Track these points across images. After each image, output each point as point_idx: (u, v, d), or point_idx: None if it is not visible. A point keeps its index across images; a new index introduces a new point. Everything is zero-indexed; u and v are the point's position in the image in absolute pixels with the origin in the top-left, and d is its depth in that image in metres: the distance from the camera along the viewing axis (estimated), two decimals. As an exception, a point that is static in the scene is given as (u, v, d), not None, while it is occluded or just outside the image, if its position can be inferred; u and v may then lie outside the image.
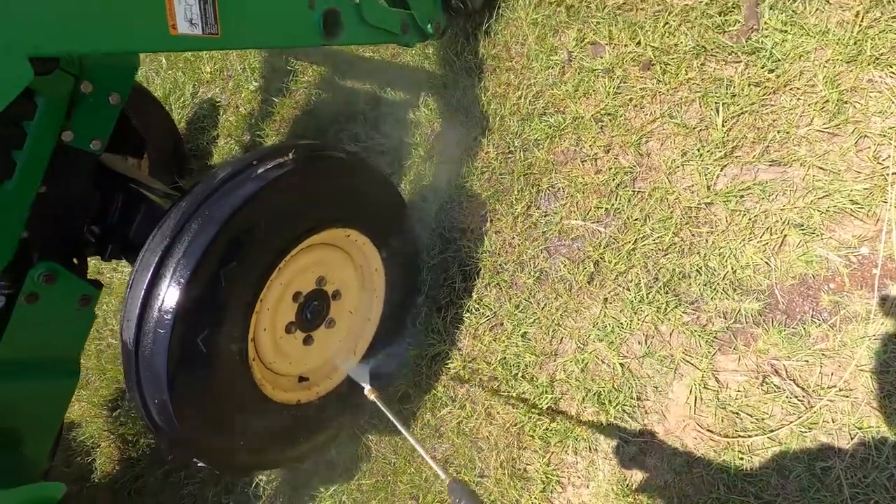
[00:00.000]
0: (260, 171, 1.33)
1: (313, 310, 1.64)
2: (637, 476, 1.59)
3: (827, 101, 1.51)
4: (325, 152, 1.52)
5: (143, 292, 1.18)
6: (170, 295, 1.17)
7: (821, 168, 1.50)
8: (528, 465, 1.75)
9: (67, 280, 1.54)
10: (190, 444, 1.30)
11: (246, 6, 1.36)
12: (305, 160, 1.42)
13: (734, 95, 1.62)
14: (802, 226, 1.50)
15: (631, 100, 1.79)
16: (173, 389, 1.20)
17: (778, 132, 1.56)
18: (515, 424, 1.77)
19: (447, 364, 1.95)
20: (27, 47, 1.05)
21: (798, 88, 1.55)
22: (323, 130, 2.50)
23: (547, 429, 1.72)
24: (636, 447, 1.61)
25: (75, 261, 1.68)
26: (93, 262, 3.17)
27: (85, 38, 1.11)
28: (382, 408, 1.50)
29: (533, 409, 1.75)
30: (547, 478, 1.69)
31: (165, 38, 1.24)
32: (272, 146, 1.86)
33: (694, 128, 1.68)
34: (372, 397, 1.54)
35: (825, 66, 1.52)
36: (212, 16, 1.31)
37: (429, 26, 1.92)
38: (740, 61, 1.63)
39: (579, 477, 1.68)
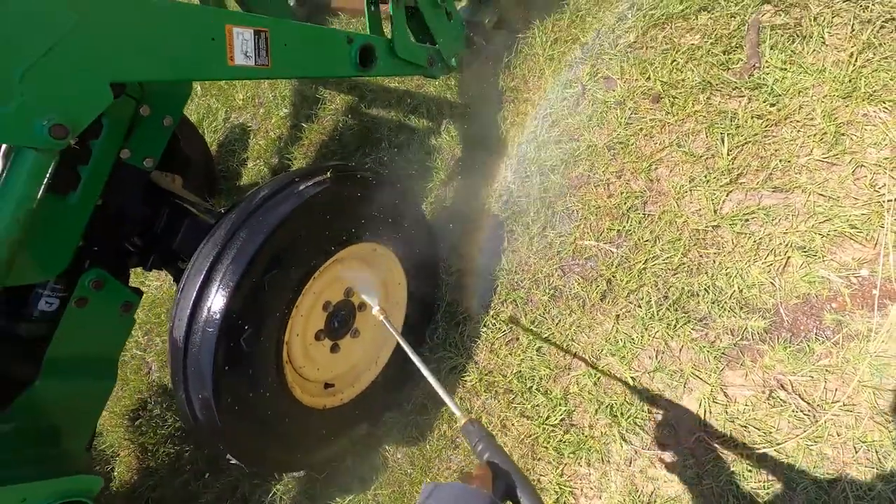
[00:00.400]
0: (301, 188, 1.45)
1: (341, 319, 1.75)
2: (648, 488, 1.64)
3: (825, 133, 1.62)
4: (357, 173, 1.65)
5: (194, 294, 1.29)
6: (219, 297, 1.28)
7: (821, 195, 1.60)
8: (541, 475, 1.80)
9: (113, 287, 1.67)
10: (226, 439, 1.39)
11: (293, 42, 1.52)
12: (340, 179, 1.55)
13: (738, 127, 1.74)
14: (805, 248, 1.59)
15: (641, 129, 1.91)
16: (217, 384, 1.29)
17: (780, 161, 1.67)
18: (530, 436, 1.84)
19: (464, 377, 2.02)
20: (109, 73, 1.19)
21: (798, 121, 1.66)
22: (349, 155, 2.65)
23: (560, 440, 1.78)
24: (647, 459, 1.66)
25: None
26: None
27: (158, 67, 1.26)
28: (393, 331, 1.43)
29: (547, 421, 1.81)
30: (560, 489, 1.74)
31: (224, 68, 1.39)
32: (310, 167, 2.00)
33: (701, 156, 1.79)
34: (381, 317, 1.46)
35: (823, 101, 1.64)
36: (263, 50, 1.46)
37: (453, 60, 2.09)
38: (744, 96, 1.76)
39: (592, 488, 1.73)
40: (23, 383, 1.55)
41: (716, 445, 1.58)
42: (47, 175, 1.22)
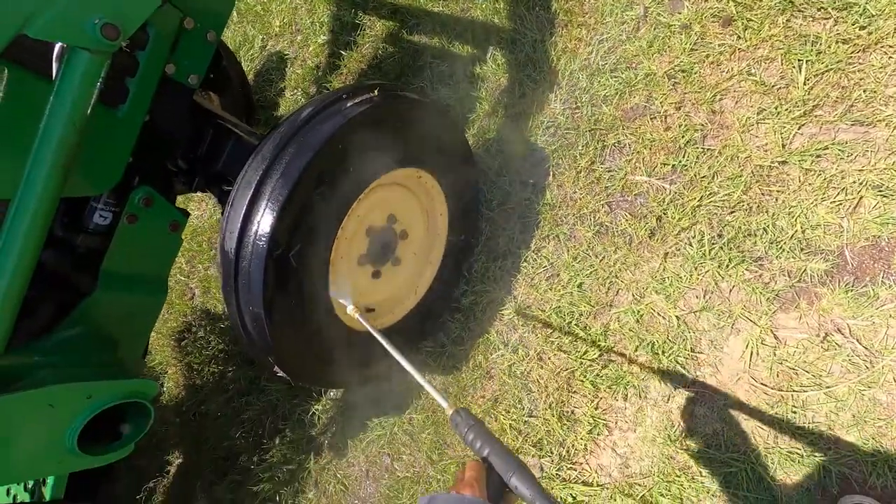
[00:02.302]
0: (349, 104, 1.41)
1: (383, 245, 1.74)
2: (685, 423, 1.64)
3: (921, 59, 1.46)
4: (405, 93, 1.59)
5: (245, 206, 1.29)
6: (269, 211, 1.28)
7: (907, 129, 1.46)
8: (576, 408, 1.82)
9: (161, 205, 1.69)
10: (274, 351, 1.43)
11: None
12: (388, 98, 1.50)
13: (819, 53, 1.59)
14: (881, 187, 1.48)
15: (707, 56, 1.77)
16: (268, 299, 1.32)
17: (864, 91, 1.53)
18: (566, 369, 1.85)
19: (501, 311, 2.03)
20: (158, -26, 1.14)
21: (891, 46, 1.50)
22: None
23: (598, 375, 1.79)
24: (686, 397, 1.65)
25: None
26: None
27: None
28: (370, 329, 1.36)
29: (585, 356, 1.81)
30: (594, 420, 1.77)
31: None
32: (357, 84, 1.94)
33: (773, 86, 1.65)
34: (356, 316, 1.44)
35: (923, 23, 1.46)
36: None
37: (505, -23, 1.94)
38: (829, 17, 1.59)
39: (627, 422, 1.74)
40: (83, 293, 1.62)
41: (760, 386, 1.56)
42: (100, 79, 1.21)
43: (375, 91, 1.47)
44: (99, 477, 2.79)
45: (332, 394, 2.40)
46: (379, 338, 1.30)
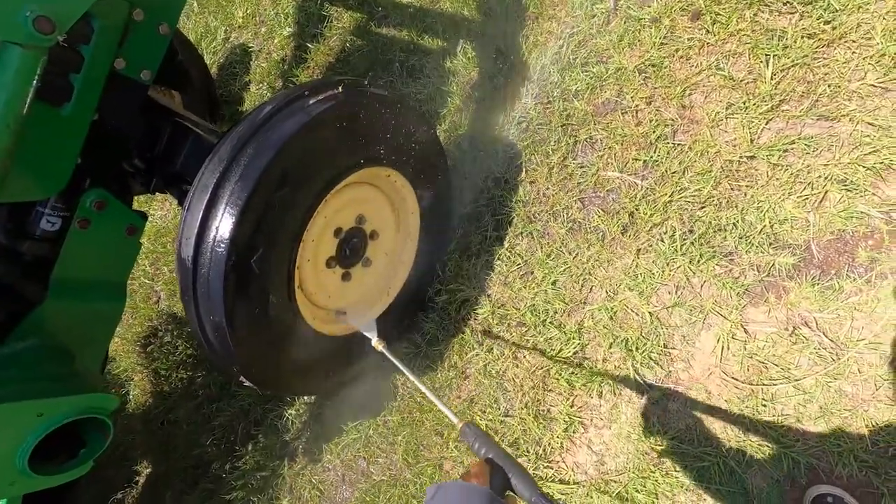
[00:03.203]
0: (311, 102, 1.35)
1: (352, 247, 1.69)
2: (659, 419, 1.64)
3: (883, 54, 1.48)
4: (371, 89, 1.53)
5: (201, 212, 1.23)
6: (227, 216, 1.21)
7: (870, 123, 1.48)
8: (552, 406, 1.81)
9: (116, 208, 1.61)
10: (239, 361, 1.37)
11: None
12: (353, 94, 1.44)
13: (786, 47, 1.60)
14: (846, 182, 1.50)
15: (677, 50, 1.76)
16: (228, 306, 1.26)
17: (828, 86, 1.54)
18: (542, 368, 1.83)
19: (476, 309, 2.00)
20: (96, -40, 1.06)
21: (854, 41, 1.52)
22: (358, 77, 2.49)
23: (573, 373, 1.78)
24: (660, 392, 1.66)
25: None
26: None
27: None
28: (392, 359, 1.45)
29: (559, 354, 1.80)
30: (570, 418, 1.76)
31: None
32: (321, 80, 1.87)
33: (741, 80, 1.66)
34: (380, 348, 1.50)
35: (885, 18, 1.48)
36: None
37: (473, -31, 1.89)
38: (795, 12, 1.60)
39: (602, 419, 1.74)
40: (32, 303, 1.53)
41: (731, 380, 1.57)
42: (35, 77, 1.12)
43: (339, 87, 1.41)
44: (62, 492, 2.67)
45: (305, 398, 2.34)
46: (398, 364, 1.39)
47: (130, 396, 2.98)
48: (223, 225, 1.21)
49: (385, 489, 2.06)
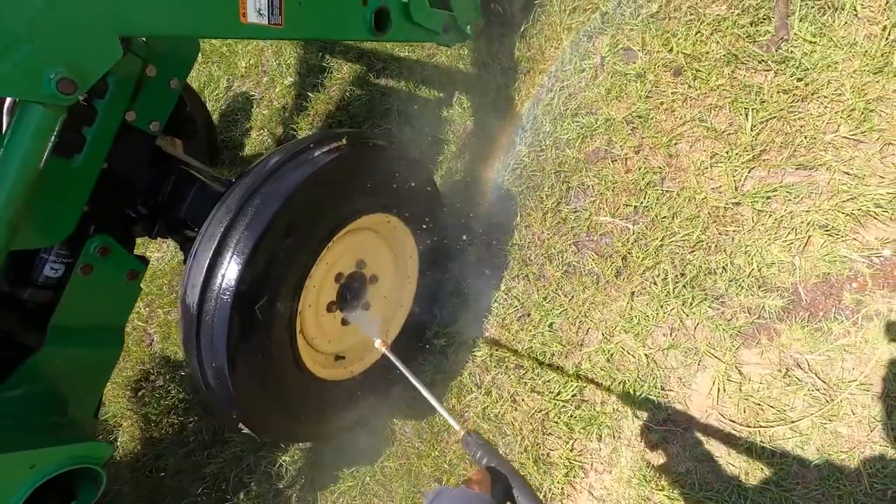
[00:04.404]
0: (317, 154, 1.41)
1: (353, 291, 1.72)
2: (659, 463, 1.64)
3: (853, 109, 1.58)
4: (372, 141, 1.60)
5: (208, 260, 1.25)
6: (234, 263, 1.24)
7: (846, 172, 1.57)
8: (551, 450, 1.80)
9: (119, 254, 1.63)
10: (239, 408, 1.37)
11: (308, 2, 1.45)
12: (356, 146, 1.50)
13: (763, 101, 1.70)
14: (827, 227, 1.57)
15: (662, 103, 1.87)
16: (231, 353, 1.27)
17: (805, 138, 1.63)
18: (540, 411, 1.83)
19: (474, 351, 2.01)
20: (119, 27, 1.13)
21: (826, 97, 1.62)
22: (357, 126, 2.58)
23: (571, 416, 1.78)
24: (659, 435, 1.66)
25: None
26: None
27: (170, 21, 1.20)
28: (394, 360, 1.46)
29: (558, 397, 1.81)
30: (570, 463, 1.75)
31: (236, 25, 1.33)
32: (324, 132, 1.95)
33: (723, 132, 1.75)
34: (383, 349, 1.50)
35: (852, 77, 1.59)
36: (277, 8, 1.40)
37: (468, 28, 2.01)
38: (770, 69, 1.71)
39: (602, 463, 1.73)
40: (29, 350, 1.52)
41: (728, 423, 1.58)
42: (54, 134, 1.17)
43: (343, 140, 1.48)
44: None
45: (300, 444, 2.30)
46: (400, 366, 1.42)
47: (119, 443, 2.90)
48: (229, 273, 1.24)
49: (382, 540, 2.01)
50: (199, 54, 3.36)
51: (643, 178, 1.85)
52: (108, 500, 2.76)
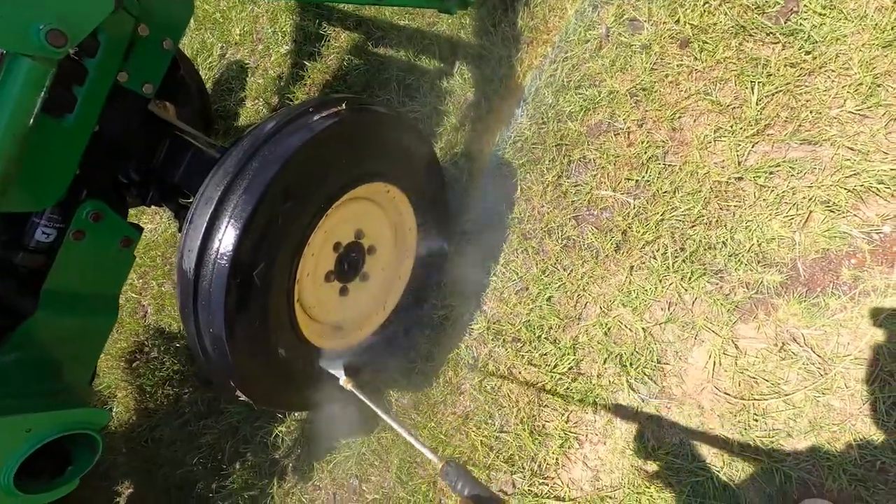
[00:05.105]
0: (316, 118, 1.37)
1: (350, 261, 1.70)
2: (653, 434, 1.66)
3: (861, 83, 1.56)
4: (373, 107, 1.56)
5: (205, 224, 1.23)
6: (231, 228, 1.22)
7: (850, 148, 1.56)
8: (547, 422, 1.82)
9: (112, 220, 1.59)
10: (236, 376, 1.36)
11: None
12: (356, 111, 1.47)
13: (770, 75, 1.67)
14: (828, 203, 1.56)
15: (667, 76, 1.83)
16: (228, 319, 1.25)
17: (810, 112, 1.61)
18: (536, 383, 1.85)
19: (471, 325, 2.01)
20: (111, -22, 1.08)
21: (833, 70, 1.60)
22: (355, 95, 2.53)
23: (568, 388, 1.79)
24: (653, 408, 1.68)
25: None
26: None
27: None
28: (361, 397, 1.51)
29: (555, 370, 1.82)
30: (565, 434, 1.77)
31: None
32: (324, 97, 1.90)
33: (728, 105, 1.73)
34: (348, 387, 1.55)
35: (861, 50, 1.57)
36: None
37: (472, -6, 1.96)
38: (778, 42, 1.68)
39: (597, 434, 1.75)
40: (23, 315, 1.50)
41: (723, 396, 1.60)
42: (44, 89, 1.12)
43: (343, 104, 1.44)
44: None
45: (296, 414, 2.31)
46: (368, 403, 1.49)
47: (114, 413, 2.90)
48: (226, 238, 1.22)
49: (378, 508, 2.03)
50: (192, 20, 3.27)
51: (645, 152, 1.83)
52: (104, 470, 2.77)
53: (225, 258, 1.22)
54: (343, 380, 1.55)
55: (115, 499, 2.72)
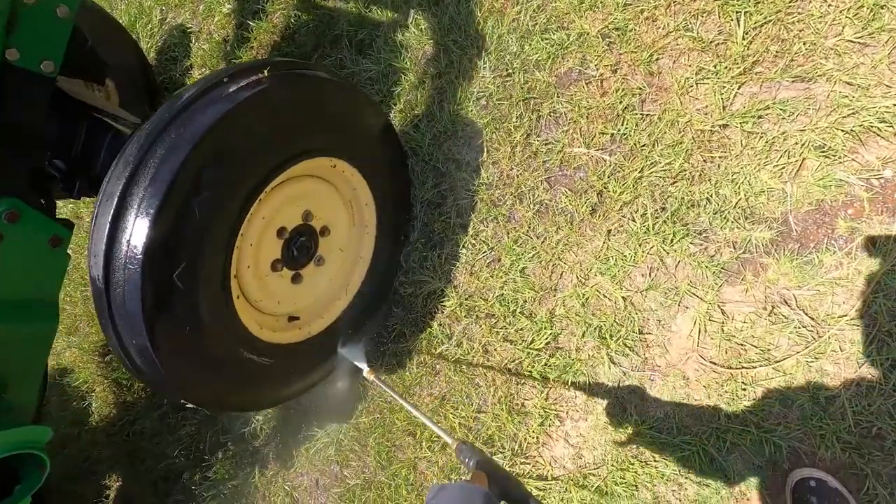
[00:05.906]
0: (231, 89, 1.19)
1: (300, 246, 1.55)
2: (636, 408, 1.57)
3: (861, 6, 1.36)
4: (306, 70, 1.37)
5: (108, 225, 1.07)
6: (138, 227, 1.06)
7: (848, 83, 1.37)
8: (526, 399, 1.73)
9: (33, 218, 1.43)
10: (176, 385, 1.24)
11: None
12: (283, 78, 1.28)
13: (758, 3, 1.46)
14: (823, 148, 1.39)
15: (642, 12, 1.62)
16: (151, 329, 1.12)
17: (804, 44, 1.42)
18: (514, 360, 1.74)
19: (443, 302, 1.88)
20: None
21: (830, -8, 1.39)
22: (305, 57, 2.30)
23: (546, 364, 1.69)
24: (636, 380, 1.58)
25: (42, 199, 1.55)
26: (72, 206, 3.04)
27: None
28: (383, 387, 1.51)
29: (532, 345, 1.70)
30: (545, 412, 1.68)
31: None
32: (245, 63, 1.69)
33: (711, 41, 1.53)
34: (371, 377, 1.54)
35: (862, -34, 1.35)
36: None
37: (417, -72, 1.71)
38: (767, -38, 1.46)
39: (578, 411, 1.66)
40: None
41: (709, 365, 1.49)
42: None
43: (265, 70, 1.25)
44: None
45: (267, 409, 2.22)
46: (387, 390, 1.48)
47: (93, 409, 2.83)
48: (134, 238, 1.06)
49: (360, 493, 1.98)
50: (125, -18, 2.95)
51: (620, 102, 1.64)
52: (89, 465, 2.73)
53: (135, 262, 1.06)
54: (366, 370, 1.55)
55: (105, 492, 2.70)
